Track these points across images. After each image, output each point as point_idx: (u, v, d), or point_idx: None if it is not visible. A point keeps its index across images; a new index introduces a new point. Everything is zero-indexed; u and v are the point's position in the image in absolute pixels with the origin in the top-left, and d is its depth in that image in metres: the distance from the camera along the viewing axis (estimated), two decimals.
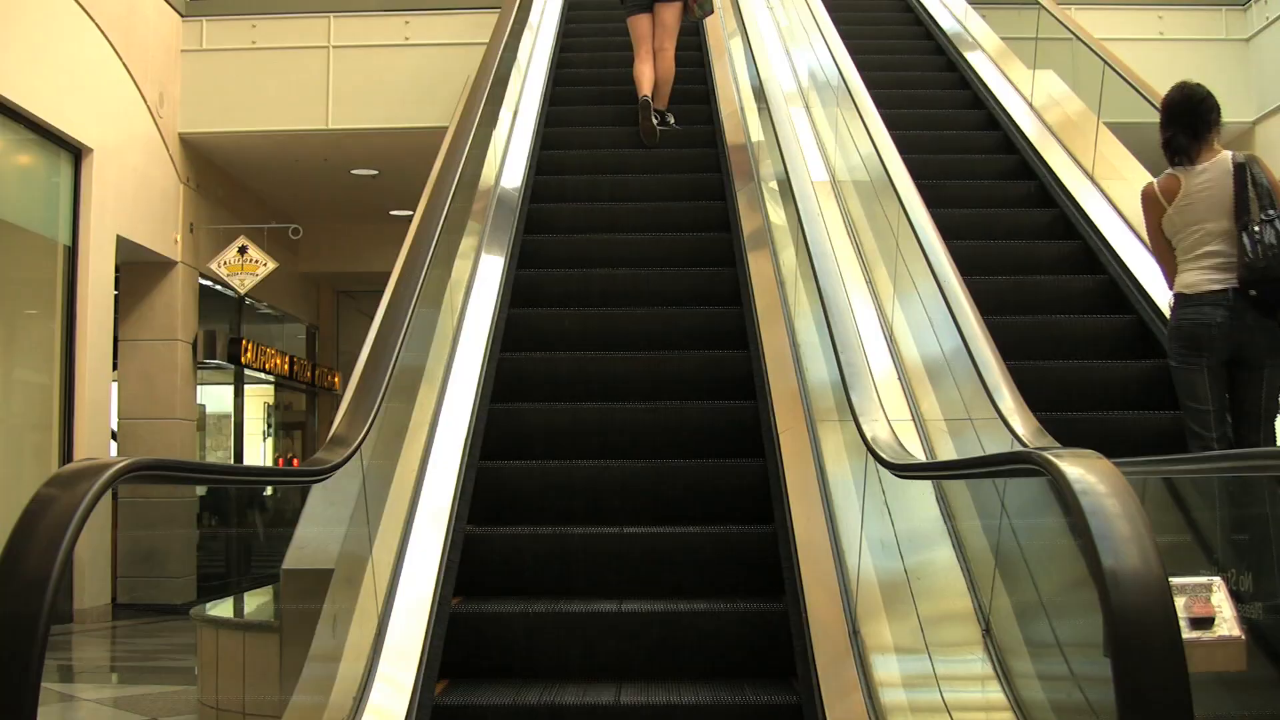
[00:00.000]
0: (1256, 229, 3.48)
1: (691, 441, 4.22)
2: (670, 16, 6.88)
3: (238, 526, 11.53)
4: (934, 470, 3.07)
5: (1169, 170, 3.83)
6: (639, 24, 6.92)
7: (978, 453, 3.08)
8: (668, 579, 3.58)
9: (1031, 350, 4.47)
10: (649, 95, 6.60)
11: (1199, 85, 3.83)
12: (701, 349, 4.73)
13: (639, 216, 5.87)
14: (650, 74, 6.73)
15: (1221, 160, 3.71)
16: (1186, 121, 3.77)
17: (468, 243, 4.91)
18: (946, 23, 8.16)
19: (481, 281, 4.90)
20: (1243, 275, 3.50)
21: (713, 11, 7.10)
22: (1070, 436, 2.61)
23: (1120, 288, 4.97)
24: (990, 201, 5.84)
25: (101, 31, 8.59)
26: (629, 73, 6.95)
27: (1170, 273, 3.83)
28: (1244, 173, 3.60)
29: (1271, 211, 3.50)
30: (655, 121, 6.53)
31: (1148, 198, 3.88)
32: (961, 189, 5.89)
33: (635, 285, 5.25)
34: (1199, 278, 3.64)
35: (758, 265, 5.00)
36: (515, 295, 5.10)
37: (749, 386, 4.41)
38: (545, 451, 4.20)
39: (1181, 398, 3.69)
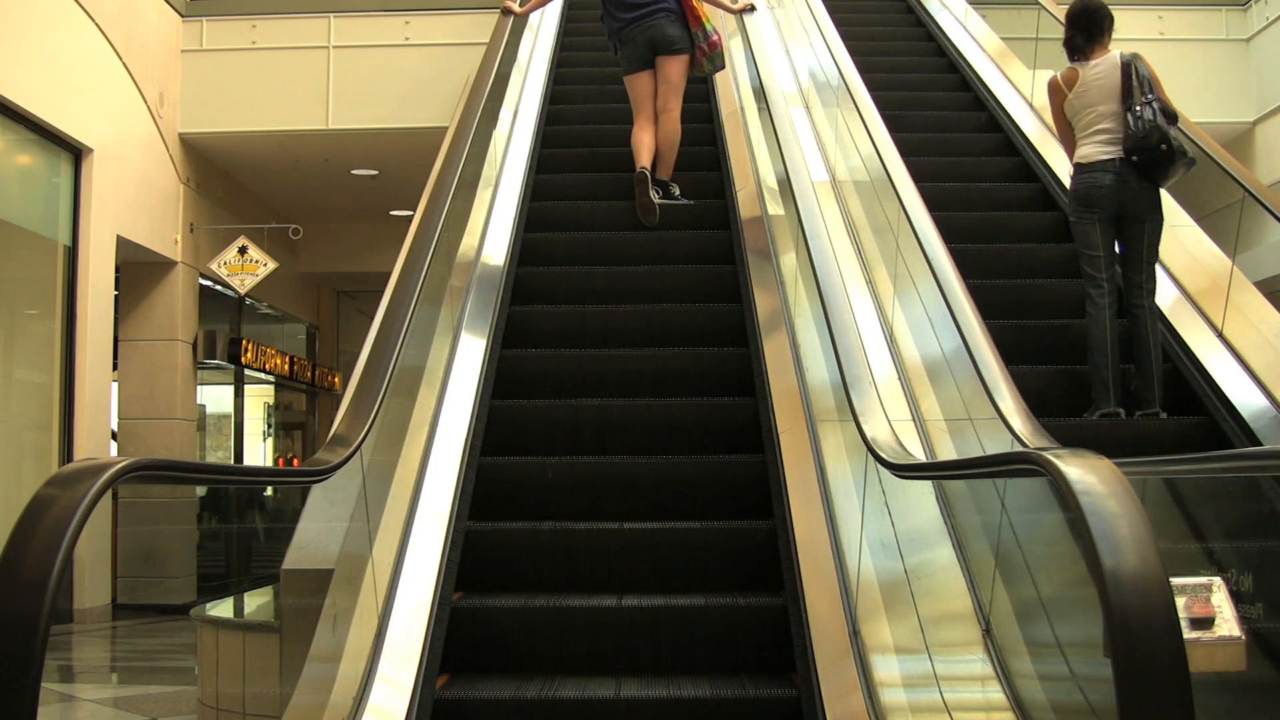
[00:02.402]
0: (1138, 109, 4.33)
1: (705, 658, 3.33)
2: (676, 71, 5.81)
3: (238, 526, 11.53)
4: (934, 470, 3.06)
5: (1069, 65, 4.65)
6: (639, 84, 5.86)
7: (978, 453, 3.08)
8: None
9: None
10: (648, 166, 5.64)
11: None
12: (713, 519, 3.81)
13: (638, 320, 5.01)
14: (651, 142, 5.75)
15: (1111, 57, 4.54)
16: (1083, 25, 4.61)
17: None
18: (946, 23, 8.16)
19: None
20: (1127, 145, 4.33)
21: (724, 66, 6.05)
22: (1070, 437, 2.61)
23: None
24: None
25: (101, 31, 8.59)
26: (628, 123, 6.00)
27: (1070, 149, 4.63)
28: (1130, 67, 4.45)
29: (1150, 95, 4.35)
30: (656, 197, 5.60)
31: (1053, 87, 4.70)
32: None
33: (634, 416, 4.32)
34: (1092, 150, 4.44)
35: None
36: (488, 437, 4.17)
37: (774, 570, 3.56)
38: (521, 662, 3.36)
39: (1078, 247, 4.46)
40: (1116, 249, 4.42)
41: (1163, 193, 4.45)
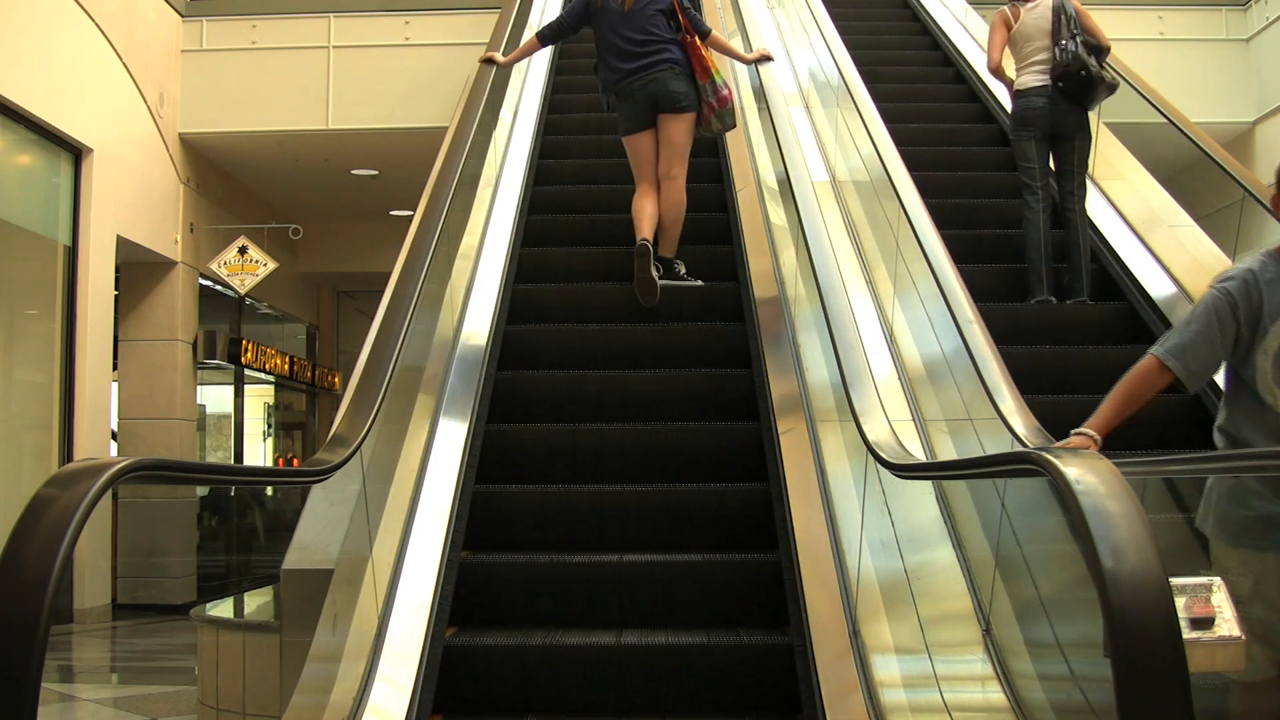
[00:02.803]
0: (1064, 43, 5.10)
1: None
2: (680, 132, 5.10)
3: (238, 526, 11.53)
4: (934, 470, 3.07)
5: (1012, 4, 5.41)
6: (639, 145, 5.16)
7: (978, 453, 3.08)
8: None
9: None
10: (649, 239, 4.94)
11: None
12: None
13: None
14: (653, 211, 5.06)
15: (1047, 0, 5.29)
16: None
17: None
18: (946, 23, 8.18)
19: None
20: (1054, 73, 5.11)
21: (735, 125, 5.30)
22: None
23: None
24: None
25: (101, 31, 8.59)
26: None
27: (997, 70, 5.47)
28: (1060, 8, 5.19)
29: (1075, 31, 5.11)
30: (657, 274, 4.93)
31: (997, 21, 5.46)
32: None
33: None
34: (1029, 79, 5.24)
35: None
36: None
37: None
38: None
39: (1017, 161, 5.24)
40: (1051, 163, 5.20)
41: (1093, 119, 5.32)
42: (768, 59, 5.62)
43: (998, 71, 5.47)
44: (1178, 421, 4.10)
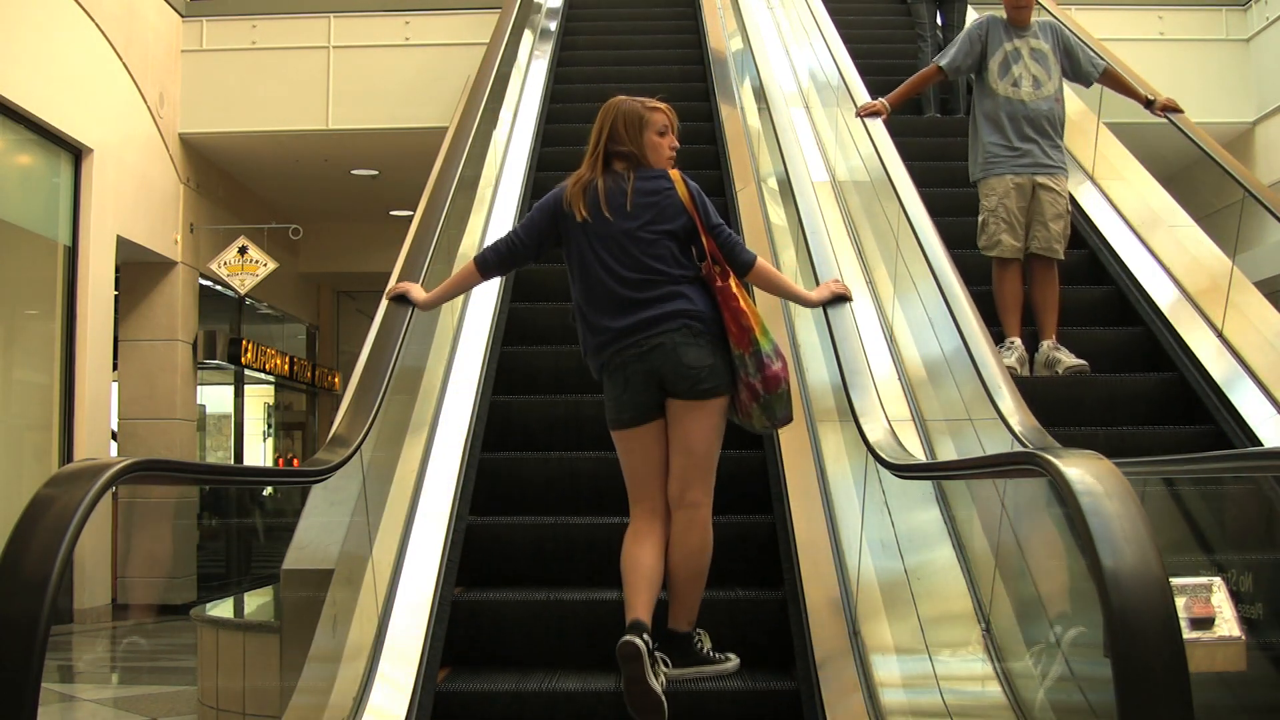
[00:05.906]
0: None
1: None
2: (702, 430, 3.04)
3: (238, 526, 11.53)
4: (935, 470, 3.06)
5: None
6: (637, 447, 3.09)
7: (978, 453, 3.08)
8: None
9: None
10: (645, 618, 2.88)
11: None
12: None
13: None
14: (653, 562, 3.00)
15: None
16: None
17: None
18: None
19: None
20: None
21: (792, 418, 3.13)
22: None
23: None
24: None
25: (101, 31, 8.59)
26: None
27: None
28: None
29: None
30: (661, 685, 2.79)
31: None
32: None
33: None
34: None
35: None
36: None
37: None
38: None
39: (913, 19, 7.52)
40: (939, 20, 7.50)
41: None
42: (844, 299, 3.33)
43: None
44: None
